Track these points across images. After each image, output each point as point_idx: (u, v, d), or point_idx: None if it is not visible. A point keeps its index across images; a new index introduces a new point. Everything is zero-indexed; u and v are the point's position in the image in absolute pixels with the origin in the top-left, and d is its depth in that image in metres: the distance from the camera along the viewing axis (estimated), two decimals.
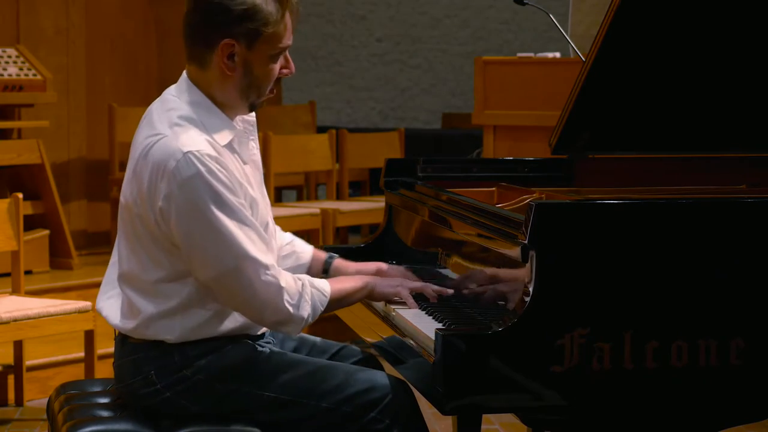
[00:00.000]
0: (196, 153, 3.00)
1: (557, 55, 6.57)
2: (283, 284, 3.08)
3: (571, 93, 3.74)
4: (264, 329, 3.25)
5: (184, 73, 3.17)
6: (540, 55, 6.56)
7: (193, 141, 3.03)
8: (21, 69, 7.68)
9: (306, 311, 3.12)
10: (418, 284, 3.34)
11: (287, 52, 3.15)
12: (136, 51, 8.89)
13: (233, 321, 3.16)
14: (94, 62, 8.69)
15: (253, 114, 3.25)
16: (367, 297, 3.30)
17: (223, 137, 3.10)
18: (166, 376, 3.14)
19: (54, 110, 8.21)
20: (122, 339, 3.22)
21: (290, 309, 3.09)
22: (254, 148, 3.26)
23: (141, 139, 3.11)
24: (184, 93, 3.14)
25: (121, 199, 3.18)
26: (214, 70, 3.10)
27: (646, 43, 3.70)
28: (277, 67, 3.13)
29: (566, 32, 5.44)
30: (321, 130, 9.62)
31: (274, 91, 3.18)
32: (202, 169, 2.99)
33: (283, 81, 11.26)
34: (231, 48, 3.06)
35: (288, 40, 3.13)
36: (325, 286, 3.18)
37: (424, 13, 12.32)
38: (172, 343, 3.13)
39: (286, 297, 3.08)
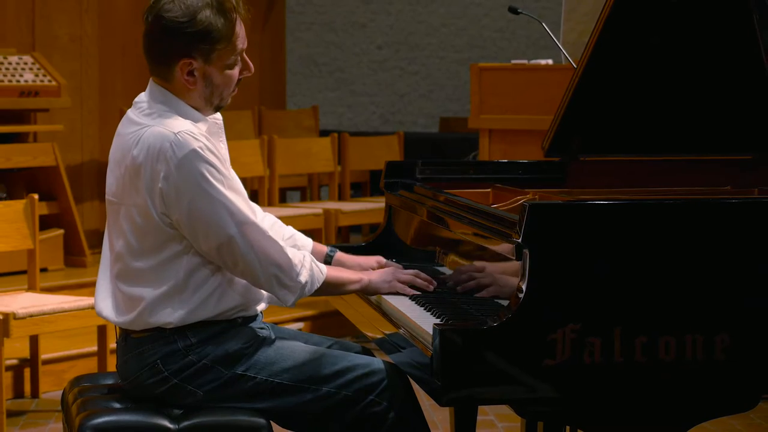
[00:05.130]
0: (187, 132, 3.08)
1: (550, 61, 6.56)
2: (283, 245, 3.13)
3: (563, 98, 3.74)
4: (258, 308, 3.27)
5: (151, 80, 3.22)
6: (533, 61, 6.55)
7: (179, 124, 3.10)
8: (36, 75, 7.68)
9: (304, 277, 3.15)
10: (408, 275, 3.34)
11: (244, 54, 3.20)
12: None
13: (229, 300, 3.17)
14: (106, 68, 8.69)
15: (221, 117, 3.29)
16: (361, 290, 3.32)
17: (200, 125, 3.16)
18: (172, 363, 3.14)
19: (68, 114, 8.21)
20: (125, 337, 3.22)
21: (290, 271, 3.11)
22: (224, 148, 3.28)
23: (126, 136, 3.16)
24: (155, 94, 3.19)
25: (110, 197, 3.21)
26: (176, 84, 3.16)
27: (634, 50, 3.70)
28: (235, 72, 3.19)
29: (558, 40, 5.44)
30: (323, 133, 9.63)
31: (236, 91, 3.24)
32: (196, 145, 3.06)
33: (288, 87, 11.26)
34: (189, 66, 3.12)
35: (242, 46, 3.18)
36: (323, 267, 3.22)
37: (422, 22, 12.32)
38: (174, 330, 3.14)
39: (287, 258, 3.12)
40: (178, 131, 3.07)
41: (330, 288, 3.24)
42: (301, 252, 3.19)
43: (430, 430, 3.23)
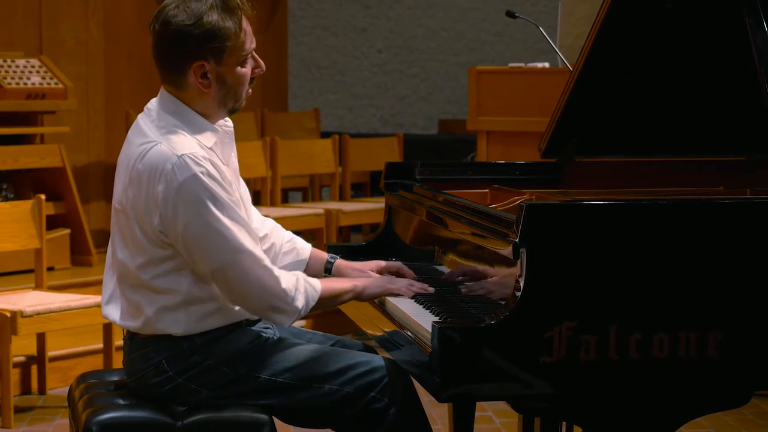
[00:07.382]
0: (191, 155, 3.02)
1: (546, 65, 6.57)
2: (277, 274, 3.09)
3: (559, 100, 3.75)
4: None
5: (162, 88, 3.18)
6: (530, 65, 6.56)
7: (186, 144, 3.05)
8: (43, 78, 7.68)
9: (300, 302, 3.12)
10: (403, 283, 3.32)
11: (254, 53, 3.16)
12: (151, 60, 8.86)
13: (234, 314, 3.16)
14: (112, 71, 8.69)
15: (231, 123, 3.26)
16: (356, 299, 3.29)
17: (208, 139, 3.12)
18: (176, 364, 3.14)
19: (74, 117, 8.21)
20: (131, 336, 3.21)
21: (285, 298, 3.09)
22: (234, 158, 3.26)
23: (134, 147, 3.11)
24: (166, 104, 3.15)
25: (116, 205, 3.16)
26: (190, 91, 3.11)
27: (630, 53, 3.70)
28: (248, 70, 3.15)
29: (555, 44, 5.44)
30: (325, 135, 9.63)
31: (251, 91, 3.19)
32: (198, 170, 3.01)
33: (290, 90, 11.26)
34: (202, 68, 3.08)
35: (251, 45, 3.14)
36: (317, 283, 3.19)
37: (421, 26, 12.31)
38: (179, 336, 3.14)
39: (281, 286, 3.09)
40: (181, 153, 3.02)
41: (325, 303, 3.21)
42: (293, 275, 3.15)
43: (430, 426, 3.23)
